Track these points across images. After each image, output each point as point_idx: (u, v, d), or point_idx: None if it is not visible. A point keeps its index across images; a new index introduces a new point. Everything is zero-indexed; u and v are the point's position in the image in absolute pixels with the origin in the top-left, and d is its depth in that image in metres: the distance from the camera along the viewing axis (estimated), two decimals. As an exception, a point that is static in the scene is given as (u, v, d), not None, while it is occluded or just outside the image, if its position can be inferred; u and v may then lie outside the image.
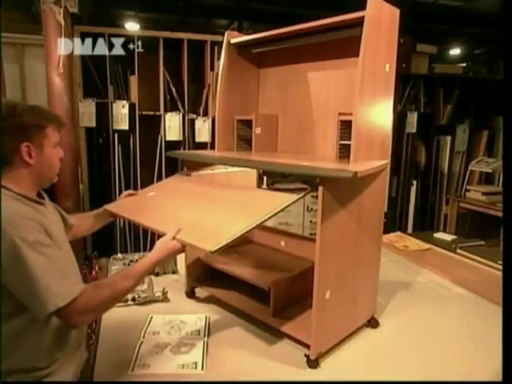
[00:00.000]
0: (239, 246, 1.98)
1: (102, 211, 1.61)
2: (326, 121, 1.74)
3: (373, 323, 1.62)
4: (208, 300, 1.81)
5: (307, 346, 1.36)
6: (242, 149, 1.91)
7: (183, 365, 1.32)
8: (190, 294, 1.83)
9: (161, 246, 1.24)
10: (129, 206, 1.64)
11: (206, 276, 1.85)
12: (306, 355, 1.36)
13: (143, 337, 1.49)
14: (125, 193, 1.72)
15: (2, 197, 1.03)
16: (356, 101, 1.36)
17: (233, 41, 1.82)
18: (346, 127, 1.49)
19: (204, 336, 1.50)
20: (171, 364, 1.33)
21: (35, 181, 1.15)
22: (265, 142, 1.89)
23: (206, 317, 1.64)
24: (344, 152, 1.52)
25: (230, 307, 1.69)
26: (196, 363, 1.33)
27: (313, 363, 1.35)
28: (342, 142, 1.53)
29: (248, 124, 1.87)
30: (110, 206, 1.63)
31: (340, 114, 1.53)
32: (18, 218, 1.01)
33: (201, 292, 1.85)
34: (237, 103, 1.90)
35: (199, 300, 1.82)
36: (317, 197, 1.25)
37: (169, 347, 1.42)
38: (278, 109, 1.92)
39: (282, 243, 1.95)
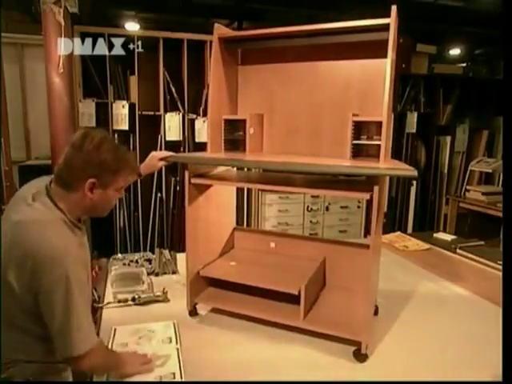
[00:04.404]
0: (226, 252, 1.92)
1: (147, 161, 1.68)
2: (319, 120, 1.73)
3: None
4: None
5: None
6: (229, 150, 1.79)
7: (161, 377, 1.26)
8: (194, 313, 1.68)
9: None
10: None
11: (208, 291, 1.75)
12: (356, 350, 1.40)
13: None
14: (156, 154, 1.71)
15: (57, 221, 1.09)
16: (386, 102, 1.39)
17: (222, 36, 1.71)
18: (358, 128, 1.55)
19: (176, 343, 1.44)
20: (148, 377, 1.26)
21: (86, 211, 1.19)
22: (254, 143, 1.80)
23: (173, 323, 1.58)
24: (356, 151, 1.56)
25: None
26: (174, 373, 1.28)
27: (363, 357, 1.39)
28: (354, 142, 1.56)
29: (234, 124, 1.78)
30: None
31: (353, 115, 1.56)
32: (73, 251, 1.07)
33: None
34: (226, 102, 1.82)
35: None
36: (317, 197, 1.25)
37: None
38: (265, 108, 1.86)
39: (272, 245, 1.92)
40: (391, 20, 1.37)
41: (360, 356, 1.39)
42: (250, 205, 3.86)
